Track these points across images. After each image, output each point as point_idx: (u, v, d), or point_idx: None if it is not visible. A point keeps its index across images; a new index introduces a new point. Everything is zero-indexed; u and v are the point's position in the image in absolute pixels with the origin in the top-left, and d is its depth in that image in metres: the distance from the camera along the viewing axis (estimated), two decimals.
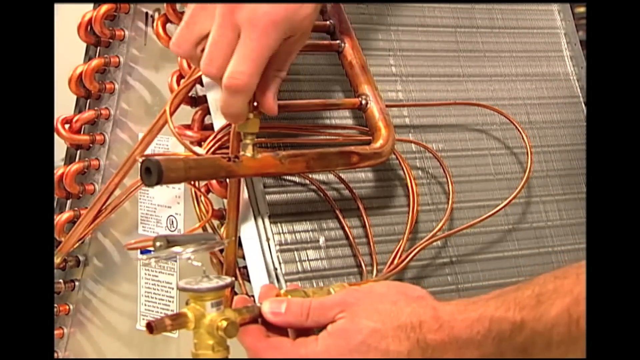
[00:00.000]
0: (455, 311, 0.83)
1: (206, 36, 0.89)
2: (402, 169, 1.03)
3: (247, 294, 0.97)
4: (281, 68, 0.91)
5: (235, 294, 0.96)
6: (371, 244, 1.00)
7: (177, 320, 0.83)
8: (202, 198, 0.98)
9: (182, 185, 1.06)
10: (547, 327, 0.80)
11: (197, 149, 0.97)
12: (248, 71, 0.87)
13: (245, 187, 0.97)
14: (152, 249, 0.87)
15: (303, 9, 0.88)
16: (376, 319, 0.84)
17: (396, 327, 0.83)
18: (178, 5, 1.02)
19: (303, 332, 0.87)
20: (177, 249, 0.85)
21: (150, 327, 0.82)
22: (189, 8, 0.91)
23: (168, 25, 1.04)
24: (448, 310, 0.84)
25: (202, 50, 0.89)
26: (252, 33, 0.87)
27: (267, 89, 0.90)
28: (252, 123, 0.91)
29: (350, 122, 1.04)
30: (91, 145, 1.13)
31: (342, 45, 1.02)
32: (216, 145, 0.97)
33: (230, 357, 0.85)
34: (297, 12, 0.88)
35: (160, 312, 1.10)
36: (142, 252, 1.09)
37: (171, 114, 0.95)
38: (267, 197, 0.97)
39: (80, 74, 1.10)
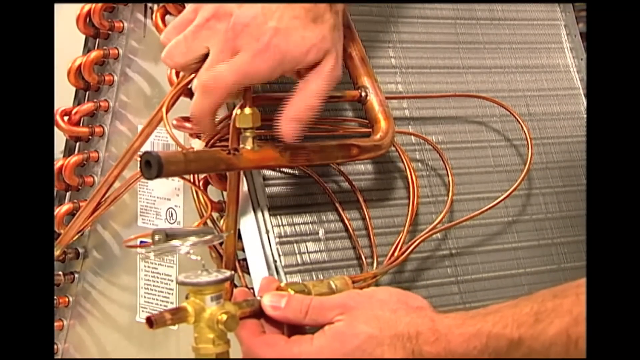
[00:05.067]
0: (453, 325, 0.83)
1: (202, 55, 0.89)
2: (402, 161, 1.03)
3: (246, 286, 0.97)
4: (308, 95, 0.91)
5: (235, 286, 0.96)
6: (371, 236, 1.00)
7: (177, 315, 0.83)
8: (202, 196, 0.98)
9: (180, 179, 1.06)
10: (544, 345, 0.80)
11: (195, 141, 0.97)
12: (228, 79, 0.88)
13: (244, 180, 0.97)
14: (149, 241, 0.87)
15: (305, 41, 0.89)
16: (374, 326, 0.84)
17: (393, 336, 0.83)
18: None
19: (297, 329, 0.87)
20: (175, 242, 0.85)
21: (150, 322, 0.82)
22: (186, 17, 0.91)
23: (167, 17, 1.04)
24: (446, 323, 0.83)
25: (195, 64, 0.90)
26: (249, 55, 0.88)
27: (285, 114, 0.91)
28: (252, 117, 0.91)
29: (349, 114, 1.04)
30: (90, 137, 1.13)
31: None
32: (215, 137, 0.97)
33: (230, 350, 0.85)
34: (297, 46, 0.89)
35: (160, 304, 1.11)
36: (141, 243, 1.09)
37: (170, 107, 0.95)
38: (267, 189, 0.97)
39: (79, 65, 1.10)
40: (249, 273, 0.97)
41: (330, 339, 0.84)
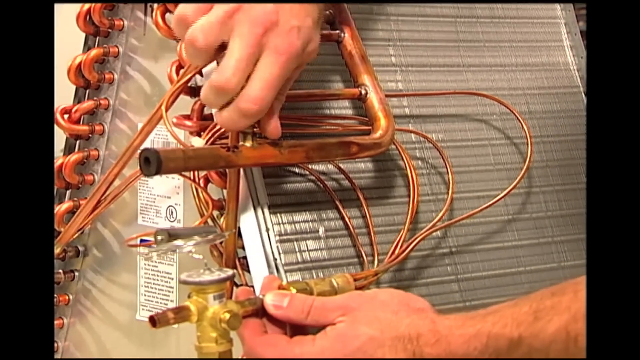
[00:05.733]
0: (453, 326, 0.83)
1: (221, 44, 0.87)
2: (402, 159, 1.03)
3: (246, 284, 0.97)
4: (283, 92, 0.91)
5: (236, 284, 0.96)
6: (372, 234, 1.00)
7: (180, 314, 0.83)
8: (202, 193, 0.98)
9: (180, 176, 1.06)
10: (544, 343, 0.80)
11: (196, 139, 0.97)
12: (268, 98, 0.87)
13: (244, 178, 0.96)
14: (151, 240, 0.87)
15: (312, 43, 0.90)
16: (375, 327, 0.84)
17: (394, 337, 0.84)
18: None
19: (299, 329, 0.87)
20: (178, 242, 0.85)
21: (153, 321, 0.82)
22: (206, 6, 0.88)
23: (167, 15, 1.04)
24: (446, 324, 0.84)
25: (216, 50, 0.87)
26: (278, 60, 0.87)
27: (271, 112, 0.90)
28: None
29: (349, 112, 1.04)
30: (90, 135, 1.13)
31: (342, 35, 1.02)
32: (215, 135, 0.97)
33: (233, 349, 0.85)
34: (308, 45, 0.90)
35: (160, 303, 1.11)
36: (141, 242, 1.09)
37: (170, 105, 0.95)
38: (267, 187, 0.97)
39: (79, 64, 1.10)
40: (249, 271, 0.97)
41: (332, 340, 0.84)
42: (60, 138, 1.12)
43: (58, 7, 0.98)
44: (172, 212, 1.09)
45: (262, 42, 0.87)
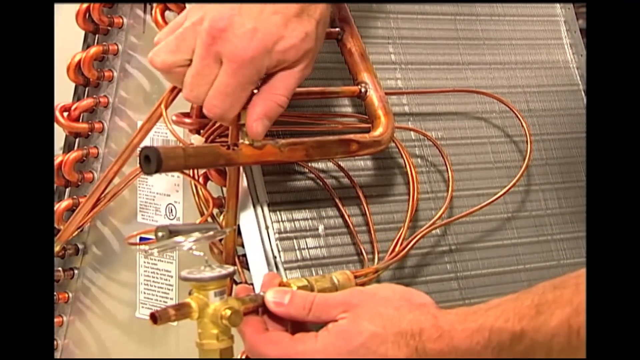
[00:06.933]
0: (455, 321, 0.83)
1: (187, 60, 0.88)
2: (402, 157, 1.03)
3: (246, 282, 0.97)
4: (278, 93, 0.89)
5: (235, 282, 0.96)
6: (371, 232, 1.00)
7: (181, 311, 0.83)
8: (202, 190, 0.98)
9: (180, 174, 1.06)
10: (547, 337, 0.80)
11: (195, 137, 0.97)
12: (221, 105, 0.88)
13: (244, 175, 0.96)
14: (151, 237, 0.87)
15: (285, 40, 0.87)
16: (378, 323, 0.84)
17: (396, 333, 0.83)
18: None
19: (300, 326, 0.87)
20: (179, 239, 0.85)
21: (154, 318, 0.82)
22: (178, 22, 0.89)
23: (167, 12, 1.04)
24: (448, 319, 0.83)
25: (179, 67, 0.88)
26: (229, 68, 0.86)
27: (253, 112, 0.89)
28: None
29: (349, 110, 1.04)
30: (90, 133, 1.13)
31: (342, 32, 1.02)
32: (215, 133, 0.97)
33: (234, 346, 0.85)
34: (277, 43, 0.87)
35: (160, 300, 1.11)
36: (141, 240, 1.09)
37: (169, 103, 0.95)
38: (266, 185, 0.97)
39: (79, 61, 1.10)
40: (248, 269, 0.97)
41: (335, 336, 0.84)
42: (59, 136, 1.12)
43: (58, 5, 0.98)
44: (171, 209, 1.09)
45: (215, 51, 0.86)
